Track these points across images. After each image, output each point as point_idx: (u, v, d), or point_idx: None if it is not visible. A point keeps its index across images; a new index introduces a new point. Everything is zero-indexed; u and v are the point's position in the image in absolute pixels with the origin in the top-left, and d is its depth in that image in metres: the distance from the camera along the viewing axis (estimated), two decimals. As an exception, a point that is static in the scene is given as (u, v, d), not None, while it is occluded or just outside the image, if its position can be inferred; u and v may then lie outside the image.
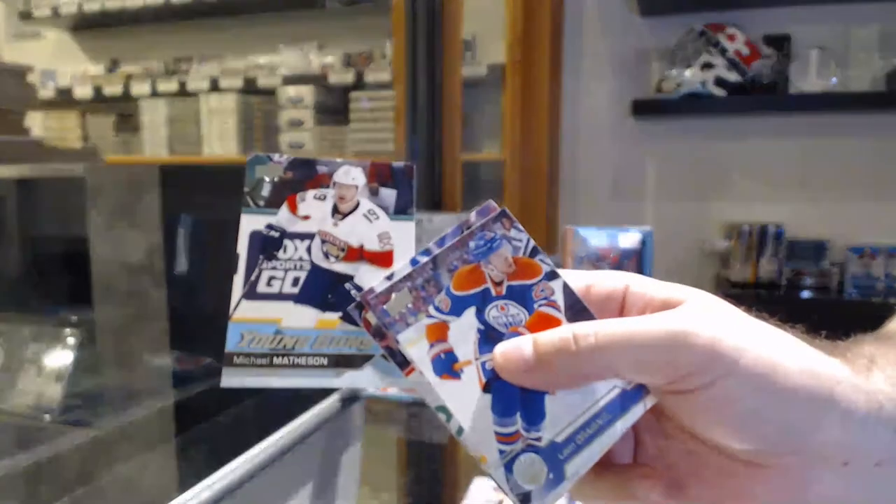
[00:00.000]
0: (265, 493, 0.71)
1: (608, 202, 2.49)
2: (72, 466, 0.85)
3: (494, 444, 0.27)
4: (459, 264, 0.28)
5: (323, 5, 2.83)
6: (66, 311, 1.08)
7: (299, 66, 2.87)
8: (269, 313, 0.28)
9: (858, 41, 2.10)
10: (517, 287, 0.28)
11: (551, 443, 0.27)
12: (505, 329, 0.28)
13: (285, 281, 0.29)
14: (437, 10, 1.61)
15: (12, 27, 3.33)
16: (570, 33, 2.44)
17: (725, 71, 2.10)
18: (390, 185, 0.31)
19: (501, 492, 0.27)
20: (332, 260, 0.30)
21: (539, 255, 0.29)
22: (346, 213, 0.30)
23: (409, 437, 0.96)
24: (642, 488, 0.28)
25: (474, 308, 0.28)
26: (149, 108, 3.03)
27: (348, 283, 0.29)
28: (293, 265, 0.29)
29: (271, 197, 0.30)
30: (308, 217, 0.30)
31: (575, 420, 0.27)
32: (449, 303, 0.28)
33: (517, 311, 0.28)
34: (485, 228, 0.29)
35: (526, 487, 0.26)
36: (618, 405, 0.28)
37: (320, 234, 0.30)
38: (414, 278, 0.28)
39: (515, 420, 0.27)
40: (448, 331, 0.27)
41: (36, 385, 0.96)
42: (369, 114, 2.67)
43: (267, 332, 0.28)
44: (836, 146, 2.20)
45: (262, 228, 0.29)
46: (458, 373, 0.27)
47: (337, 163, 0.30)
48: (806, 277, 2.14)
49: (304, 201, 0.30)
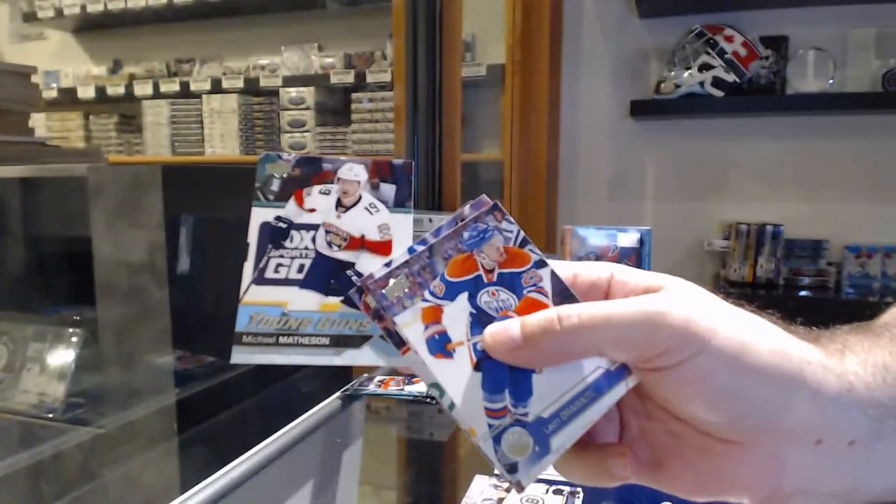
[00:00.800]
0: (266, 491, 0.72)
1: (607, 202, 2.49)
2: (74, 465, 0.86)
3: (484, 419, 0.28)
4: (454, 253, 0.30)
5: (324, 6, 2.84)
6: (68, 311, 1.08)
7: (300, 66, 2.88)
8: (276, 297, 0.31)
9: (855, 42, 2.10)
10: (507, 274, 0.30)
11: (538, 418, 0.29)
12: (496, 313, 0.30)
13: (291, 268, 0.31)
14: (437, 10, 1.61)
15: (16, 28, 3.34)
16: (570, 34, 2.44)
17: (723, 72, 2.11)
18: (390, 180, 0.33)
19: (490, 464, 0.28)
20: (335, 249, 0.32)
21: (528, 245, 0.31)
22: (348, 206, 0.33)
23: (409, 436, 0.96)
24: (616, 466, 0.30)
25: (467, 293, 0.30)
26: (151, 109, 3.04)
27: (350, 270, 0.32)
28: (299, 253, 0.31)
29: (280, 191, 0.32)
30: (313, 210, 0.32)
31: (560, 397, 0.29)
32: (443, 288, 0.29)
33: (507, 296, 0.30)
34: (478, 220, 0.30)
35: (513, 459, 0.28)
36: (602, 384, 0.29)
37: (325, 225, 0.32)
38: (411, 265, 0.29)
39: (504, 396, 0.29)
40: (442, 314, 0.29)
41: (38, 384, 0.97)
42: (370, 114, 2.68)
43: (273, 314, 0.31)
44: (833, 147, 2.20)
45: (272, 220, 0.32)
46: (451, 353, 0.29)
47: (340, 160, 0.33)
48: (804, 277, 2.15)
49: (309, 196, 0.32)
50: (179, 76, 3.10)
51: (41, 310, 1.14)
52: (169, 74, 3.15)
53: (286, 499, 0.75)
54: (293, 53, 2.89)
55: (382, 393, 0.94)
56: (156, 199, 0.82)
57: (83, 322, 1.00)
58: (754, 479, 0.29)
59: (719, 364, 0.27)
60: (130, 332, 0.86)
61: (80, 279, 1.13)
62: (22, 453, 0.85)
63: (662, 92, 2.19)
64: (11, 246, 1.13)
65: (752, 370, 0.27)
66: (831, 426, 0.28)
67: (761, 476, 0.28)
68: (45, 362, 0.99)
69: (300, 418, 0.83)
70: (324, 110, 2.83)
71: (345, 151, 2.75)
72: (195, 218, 0.87)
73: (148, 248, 0.83)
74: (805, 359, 0.28)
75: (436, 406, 0.94)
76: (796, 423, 0.28)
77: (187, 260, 0.86)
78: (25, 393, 0.97)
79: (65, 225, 1.08)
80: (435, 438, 0.95)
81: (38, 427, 0.93)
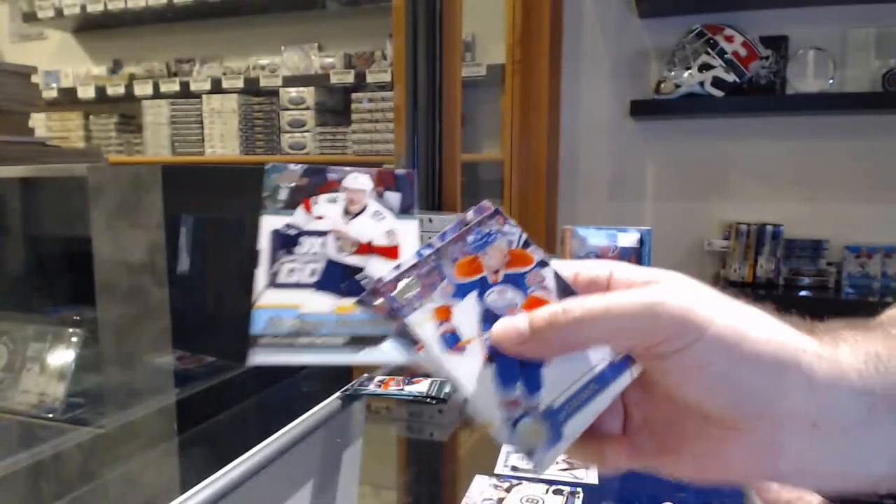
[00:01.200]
0: (266, 491, 0.72)
1: (607, 202, 2.50)
2: (74, 465, 0.86)
3: (499, 410, 0.30)
4: (460, 256, 0.31)
5: (323, 6, 2.84)
6: (68, 311, 1.08)
7: (300, 66, 2.88)
8: (291, 300, 0.32)
9: (855, 42, 2.11)
10: (512, 275, 0.32)
11: (549, 408, 0.30)
12: (503, 311, 0.31)
13: (304, 272, 0.33)
14: (437, 10, 1.61)
15: (16, 28, 3.34)
16: (570, 34, 2.44)
17: (723, 72, 2.11)
18: (394, 189, 0.35)
19: (507, 447, 0.30)
20: (345, 254, 0.33)
21: (531, 246, 0.32)
22: (355, 213, 0.34)
23: (409, 436, 0.96)
24: (612, 453, 0.33)
25: (475, 293, 0.31)
26: (151, 109, 3.05)
27: (360, 274, 0.33)
28: (310, 259, 0.33)
29: (288, 200, 0.34)
30: (322, 217, 0.34)
31: (569, 388, 0.31)
32: (452, 289, 0.31)
33: (513, 294, 0.32)
34: (481, 224, 0.32)
35: (529, 447, 0.30)
36: (607, 375, 0.31)
37: (333, 232, 0.34)
38: (419, 268, 0.31)
39: (516, 388, 0.30)
40: (452, 313, 0.31)
41: (38, 384, 0.97)
42: (370, 114, 2.68)
43: (289, 316, 0.32)
44: (833, 146, 2.21)
45: (281, 227, 0.33)
46: (463, 349, 0.30)
47: (346, 170, 0.34)
48: (804, 277, 2.15)
49: (317, 204, 0.34)
50: (179, 76, 3.10)
51: (41, 310, 1.14)
52: (169, 74, 3.15)
53: (286, 499, 0.75)
54: (293, 53, 2.90)
55: (382, 393, 0.94)
56: (156, 199, 0.82)
57: (83, 322, 1.00)
58: (753, 462, 0.30)
59: (717, 351, 0.28)
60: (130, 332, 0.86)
61: (80, 279, 1.13)
62: (22, 453, 0.85)
63: (662, 92, 2.19)
64: (11, 246, 1.13)
65: (749, 357, 0.28)
66: (825, 412, 0.29)
67: (759, 459, 0.30)
68: (45, 362, 0.99)
69: (300, 418, 0.83)
70: (324, 110, 2.83)
71: (345, 151, 2.75)
72: (195, 218, 0.87)
73: (148, 248, 0.83)
74: (800, 347, 0.29)
75: (436, 406, 0.94)
76: (792, 408, 0.29)
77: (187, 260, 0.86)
78: (25, 393, 0.97)
79: (65, 225, 1.08)
80: (435, 438, 0.95)
81: (38, 427, 0.93)
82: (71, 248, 1.14)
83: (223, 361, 0.94)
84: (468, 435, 0.96)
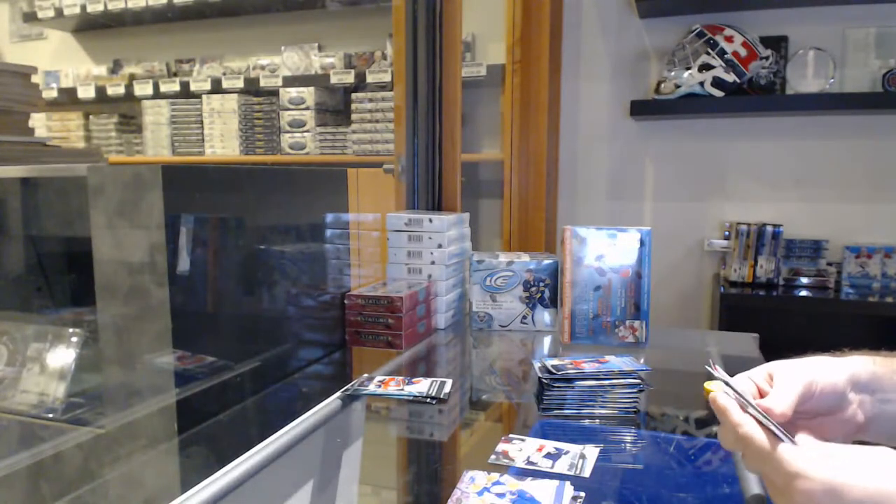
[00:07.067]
0: (266, 491, 0.72)
1: (607, 202, 2.50)
2: (74, 465, 0.86)
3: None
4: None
5: (323, 6, 2.84)
6: (68, 311, 1.08)
7: (300, 66, 2.88)
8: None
9: (855, 42, 2.11)
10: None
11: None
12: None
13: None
14: (437, 10, 1.61)
15: (16, 28, 3.34)
16: (570, 34, 2.44)
17: (723, 72, 2.11)
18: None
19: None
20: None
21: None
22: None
23: (409, 436, 0.96)
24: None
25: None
26: (151, 109, 3.05)
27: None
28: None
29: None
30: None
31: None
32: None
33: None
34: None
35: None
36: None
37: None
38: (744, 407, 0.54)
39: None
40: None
41: (38, 384, 0.97)
42: (370, 114, 2.68)
43: None
44: (833, 146, 2.21)
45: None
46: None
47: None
48: (803, 277, 2.15)
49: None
50: (179, 76, 3.10)
51: (41, 310, 1.14)
52: (169, 74, 3.15)
53: (286, 499, 0.75)
54: (293, 53, 2.90)
55: (382, 393, 0.94)
56: (156, 199, 0.82)
57: (83, 322, 1.00)
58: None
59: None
60: (130, 332, 0.86)
61: (80, 279, 1.13)
62: (22, 453, 0.85)
63: (662, 92, 2.19)
64: (12, 246, 1.13)
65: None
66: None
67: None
68: (45, 362, 0.98)
69: (300, 418, 0.83)
70: (324, 110, 2.84)
71: (345, 151, 2.75)
72: (195, 218, 0.87)
73: (148, 248, 0.83)
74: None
75: (436, 406, 0.94)
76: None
77: (187, 260, 0.86)
78: (25, 393, 0.97)
79: (65, 225, 1.08)
80: (435, 438, 0.95)
81: (38, 427, 0.93)
82: (71, 248, 1.14)
83: (223, 361, 0.94)
84: (468, 435, 0.96)
